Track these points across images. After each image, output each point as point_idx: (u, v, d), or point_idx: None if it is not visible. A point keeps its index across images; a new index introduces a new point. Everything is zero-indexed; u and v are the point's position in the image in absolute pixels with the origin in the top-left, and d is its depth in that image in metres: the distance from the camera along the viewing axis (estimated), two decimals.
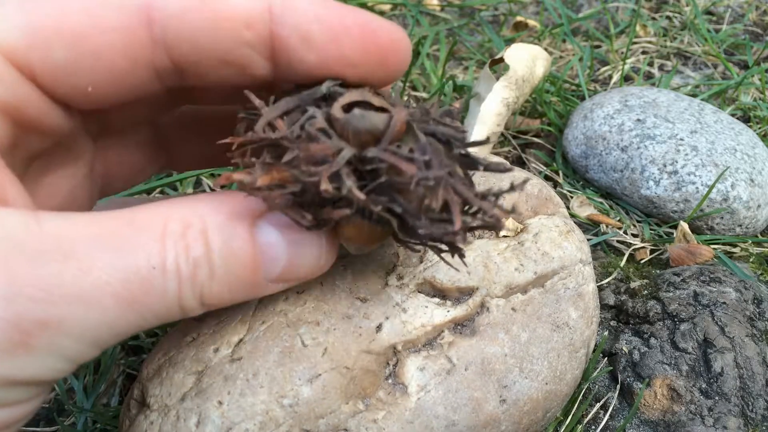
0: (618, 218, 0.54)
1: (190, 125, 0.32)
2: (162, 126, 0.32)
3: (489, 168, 0.24)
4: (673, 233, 0.52)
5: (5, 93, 0.22)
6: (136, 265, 0.20)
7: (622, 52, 0.73)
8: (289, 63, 0.23)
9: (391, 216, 0.23)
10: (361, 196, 0.21)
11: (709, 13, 0.83)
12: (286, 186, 0.21)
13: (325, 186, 0.20)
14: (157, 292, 0.21)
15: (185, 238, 0.21)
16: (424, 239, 0.24)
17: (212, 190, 0.54)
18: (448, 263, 0.27)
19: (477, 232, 0.36)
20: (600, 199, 0.55)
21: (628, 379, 0.40)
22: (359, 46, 0.23)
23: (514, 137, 0.61)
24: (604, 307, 0.45)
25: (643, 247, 0.51)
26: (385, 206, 0.22)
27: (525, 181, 0.24)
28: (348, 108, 0.22)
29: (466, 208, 0.23)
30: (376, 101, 0.23)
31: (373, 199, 0.22)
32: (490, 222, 0.23)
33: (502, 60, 0.55)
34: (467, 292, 0.33)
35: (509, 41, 0.72)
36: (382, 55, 0.24)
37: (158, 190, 0.53)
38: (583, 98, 0.65)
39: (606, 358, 0.42)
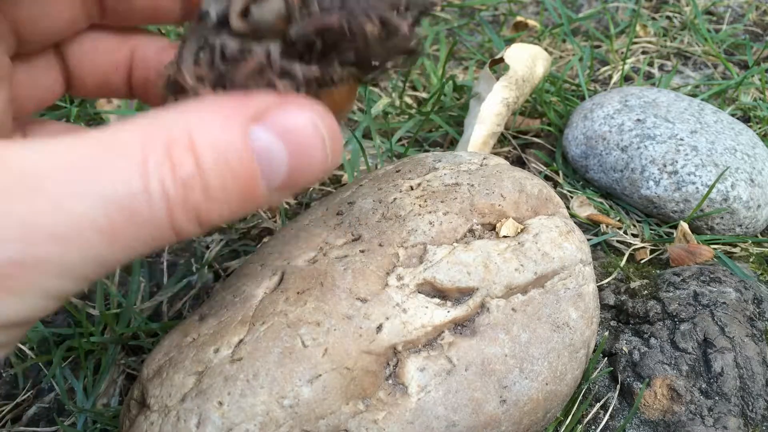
0: (618, 218, 0.54)
1: (97, 48, 0.30)
2: (69, 45, 0.30)
3: None
4: (673, 233, 0.52)
5: None
6: (115, 194, 0.19)
7: (622, 52, 0.73)
8: None
9: (349, 67, 0.23)
10: (315, 72, 0.21)
11: (709, 13, 0.83)
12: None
13: (280, 87, 0.21)
14: (143, 219, 0.19)
15: (170, 158, 0.19)
16: (384, 65, 0.24)
17: None
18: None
19: (477, 233, 0.36)
20: (600, 199, 0.55)
21: (628, 379, 0.40)
22: None
23: (514, 137, 0.61)
24: (604, 307, 0.45)
25: (643, 247, 0.51)
26: (340, 64, 0.22)
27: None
28: (246, 13, 0.22)
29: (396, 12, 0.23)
30: None
31: (324, 67, 0.22)
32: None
33: (502, 60, 0.55)
34: (467, 293, 0.33)
35: (509, 41, 0.72)
36: None
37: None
38: (583, 98, 0.65)
39: (606, 358, 0.42)
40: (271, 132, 0.21)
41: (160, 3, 0.28)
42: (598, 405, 0.40)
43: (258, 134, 0.20)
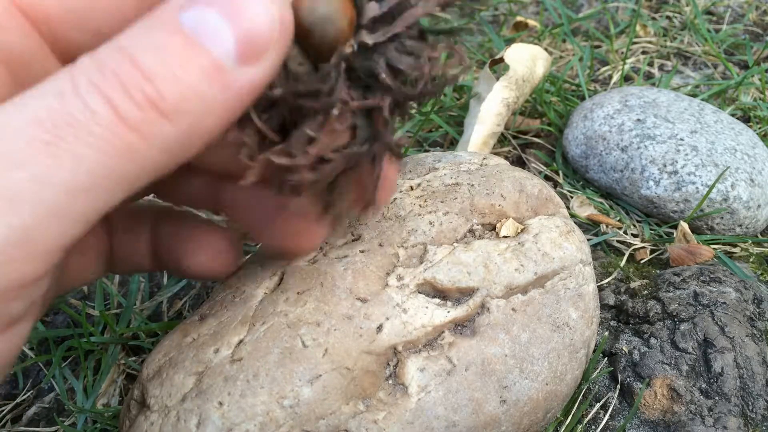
0: (618, 218, 0.54)
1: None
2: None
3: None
4: (673, 233, 0.52)
5: (13, 44, 0.21)
6: (45, 102, 0.17)
7: (622, 52, 0.73)
8: None
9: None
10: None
11: (709, 13, 0.83)
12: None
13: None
14: (81, 118, 0.17)
15: (94, 60, 0.18)
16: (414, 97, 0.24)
17: None
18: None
19: (477, 233, 0.36)
20: (600, 199, 0.55)
21: (628, 379, 0.40)
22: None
23: (514, 137, 0.61)
24: (604, 307, 0.45)
25: (643, 247, 0.51)
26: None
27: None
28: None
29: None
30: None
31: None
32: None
33: (502, 60, 0.55)
34: (467, 293, 0.33)
35: (509, 41, 0.72)
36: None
37: None
38: (583, 98, 0.65)
39: (606, 358, 0.42)
40: (196, 6, 0.19)
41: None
42: (598, 405, 0.40)
43: (185, 16, 0.19)
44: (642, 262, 0.50)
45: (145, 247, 0.31)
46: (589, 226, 0.53)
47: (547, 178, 0.58)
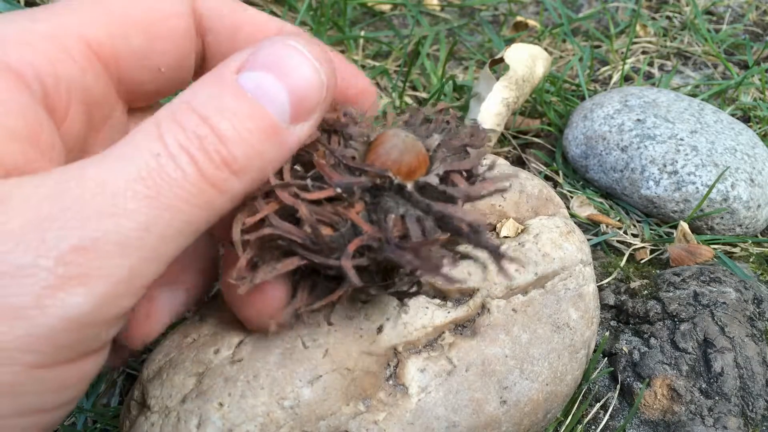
0: (618, 218, 0.54)
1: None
2: None
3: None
4: (673, 233, 0.52)
5: (91, 85, 0.24)
6: (144, 161, 0.20)
7: (622, 52, 0.73)
8: None
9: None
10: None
11: (709, 13, 0.83)
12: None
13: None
14: (175, 177, 0.20)
15: (178, 122, 0.21)
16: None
17: None
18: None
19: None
20: (600, 199, 0.55)
21: (628, 379, 0.40)
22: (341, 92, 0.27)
23: (514, 137, 0.61)
24: (604, 307, 0.45)
25: (643, 247, 0.51)
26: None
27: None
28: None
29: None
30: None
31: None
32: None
33: (502, 60, 0.55)
34: (468, 294, 0.33)
35: (509, 41, 0.72)
36: (357, 98, 0.29)
37: None
38: (583, 98, 0.65)
39: (606, 358, 0.42)
40: (255, 69, 0.22)
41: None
42: (598, 405, 0.40)
43: (244, 77, 0.22)
44: (642, 262, 0.50)
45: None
46: (589, 226, 0.53)
47: (547, 178, 0.58)
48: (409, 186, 0.24)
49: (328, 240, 0.23)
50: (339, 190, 0.23)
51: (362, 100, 0.28)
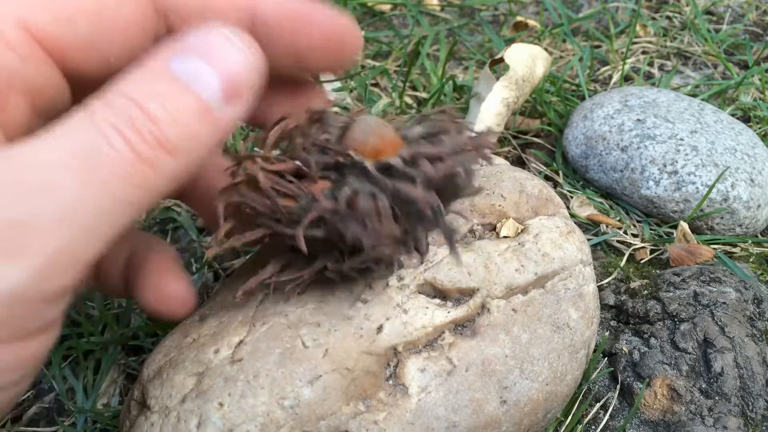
0: (618, 218, 0.54)
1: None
2: None
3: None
4: (673, 233, 0.52)
5: (32, 74, 0.23)
6: (78, 140, 0.20)
7: (622, 52, 0.73)
8: (265, 48, 0.25)
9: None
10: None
11: (709, 13, 0.83)
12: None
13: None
14: (109, 155, 0.20)
15: (107, 104, 0.21)
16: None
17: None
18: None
19: (477, 234, 0.36)
20: (600, 199, 0.55)
21: (628, 379, 0.40)
22: (325, 34, 0.26)
23: (514, 137, 0.61)
24: (604, 307, 0.45)
25: (643, 247, 0.51)
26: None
27: None
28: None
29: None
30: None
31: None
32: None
33: (502, 60, 0.55)
34: (468, 293, 0.33)
35: (509, 41, 0.72)
36: (343, 43, 0.27)
37: None
38: (583, 98, 0.65)
39: (606, 359, 0.42)
40: (185, 55, 0.22)
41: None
42: (598, 405, 0.40)
43: (175, 63, 0.22)
44: (642, 262, 0.50)
45: (118, 274, 0.33)
46: (589, 226, 0.53)
47: (547, 178, 0.58)
48: (369, 165, 0.25)
49: (287, 211, 0.25)
50: (298, 163, 0.25)
51: (345, 43, 0.27)
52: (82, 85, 0.26)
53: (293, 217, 0.25)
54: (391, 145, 0.26)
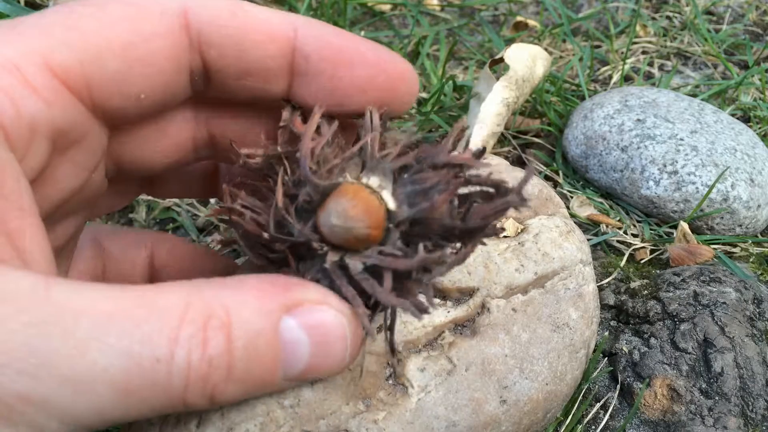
0: (618, 218, 0.54)
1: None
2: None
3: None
4: (673, 233, 0.52)
5: (57, 118, 0.22)
6: (140, 355, 0.19)
7: (622, 52, 0.73)
8: (304, 83, 0.25)
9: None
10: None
11: (709, 13, 0.83)
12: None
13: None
14: (159, 388, 0.19)
15: (204, 331, 0.20)
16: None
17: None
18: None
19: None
20: (600, 199, 0.55)
21: (628, 379, 0.40)
22: (370, 72, 0.24)
23: (514, 137, 0.61)
24: (604, 307, 0.45)
25: (643, 247, 0.51)
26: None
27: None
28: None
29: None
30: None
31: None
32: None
33: (502, 60, 0.55)
34: (468, 293, 0.33)
35: (509, 41, 0.72)
36: (392, 84, 0.25)
37: None
38: (583, 98, 0.65)
39: (606, 358, 0.42)
40: (300, 325, 0.22)
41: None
42: (598, 405, 0.40)
43: (288, 324, 0.21)
44: (642, 262, 0.50)
45: (141, 273, 0.33)
46: (589, 226, 0.53)
47: (547, 178, 0.58)
48: (329, 261, 0.23)
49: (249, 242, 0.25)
50: (266, 236, 0.23)
51: (398, 87, 0.25)
52: (116, 125, 0.25)
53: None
54: (361, 240, 0.23)
